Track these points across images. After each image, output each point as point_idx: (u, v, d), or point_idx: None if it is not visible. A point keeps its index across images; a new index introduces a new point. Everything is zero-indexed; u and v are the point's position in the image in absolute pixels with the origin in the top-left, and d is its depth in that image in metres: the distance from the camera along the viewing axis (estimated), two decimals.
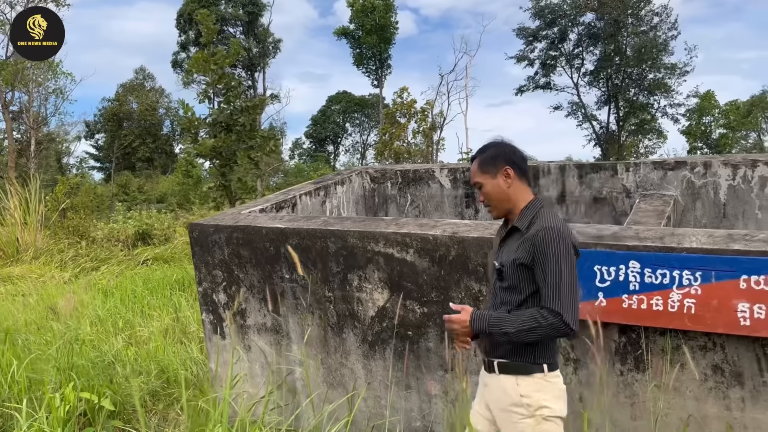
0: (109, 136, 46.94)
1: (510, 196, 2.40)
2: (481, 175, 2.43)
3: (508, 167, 2.39)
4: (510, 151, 2.45)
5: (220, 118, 11.65)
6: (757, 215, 4.24)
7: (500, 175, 2.40)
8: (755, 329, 2.46)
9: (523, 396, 2.29)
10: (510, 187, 2.39)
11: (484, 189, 2.42)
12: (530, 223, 2.33)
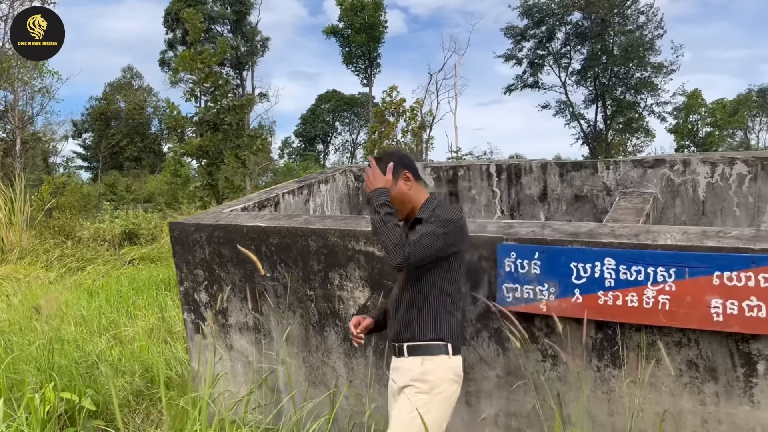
0: (96, 136, 46.64)
1: (411, 197, 2.67)
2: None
3: (406, 171, 2.66)
4: (404, 157, 2.74)
5: (207, 117, 11.60)
6: (735, 212, 4.29)
7: (401, 179, 2.65)
8: (728, 324, 2.49)
9: (424, 373, 2.51)
10: (410, 189, 2.66)
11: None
12: (429, 210, 2.61)
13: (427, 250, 2.43)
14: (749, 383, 2.55)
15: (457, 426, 3.21)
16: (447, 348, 2.55)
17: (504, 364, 3.05)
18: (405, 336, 2.58)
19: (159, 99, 47.43)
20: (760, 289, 2.42)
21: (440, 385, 2.51)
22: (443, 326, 2.55)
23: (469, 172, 5.30)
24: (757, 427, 2.56)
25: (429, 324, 2.56)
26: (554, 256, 2.79)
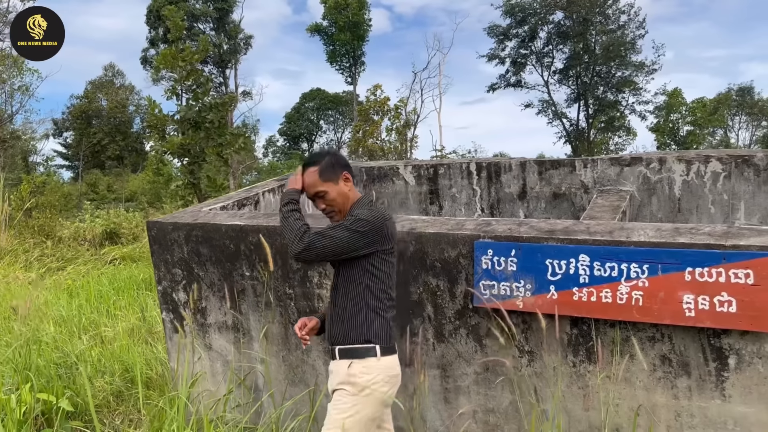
0: (77, 134, 46.12)
1: (350, 198, 2.68)
2: (324, 184, 2.63)
3: (346, 172, 2.68)
4: (342, 158, 2.77)
5: (188, 116, 11.53)
6: (710, 210, 4.36)
7: (341, 180, 2.66)
8: (700, 320, 2.53)
9: (352, 375, 2.54)
10: (350, 190, 2.69)
11: (329, 196, 2.63)
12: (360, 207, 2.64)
13: (331, 241, 2.45)
14: (721, 377, 2.60)
15: (435, 422, 3.23)
16: (375, 350, 2.55)
17: (482, 361, 3.07)
18: (336, 339, 2.61)
19: (141, 97, 47.00)
20: (730, 285, 2.47)
21: (369, 387, 2.52)
22: (371, 328, 2.56)
23: (450, 170, 5.32)
24: (728, 420, 2.60)
25: (356, 326, 2.57)
26: (530, 253, 2.82)
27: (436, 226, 3.20)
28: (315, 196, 2.66)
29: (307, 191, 2.67)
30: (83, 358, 5.10)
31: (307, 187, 2.67)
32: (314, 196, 2.66)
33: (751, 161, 4.30)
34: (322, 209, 2.67)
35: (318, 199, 2.65)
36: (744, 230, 2.63)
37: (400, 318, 3.25)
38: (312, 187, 2.66)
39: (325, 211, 2.67)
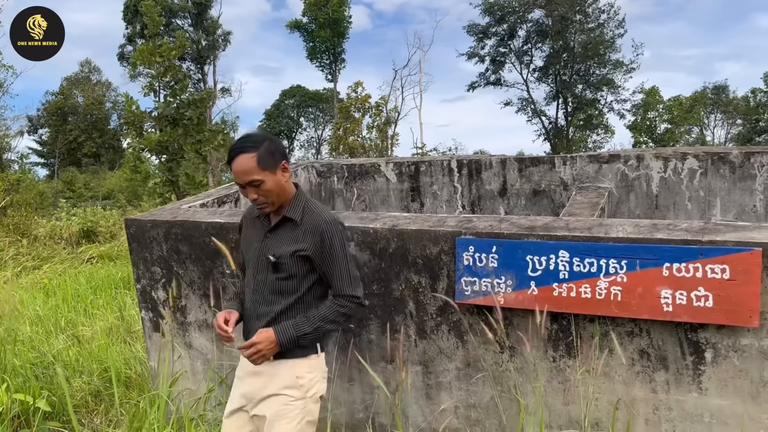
0: (53, 131, 45.44)
1: (286, 190, 2.42)
2: (261, 172, 2.31)
3: (284, 161, 2.39)
4: (281, 145, 2.46)
5: (166, 112, 11.42)
6: (687, 206, 4.42)
7: (279, 170, 2.38)
8: (677, 314, 2.57)
9: (299, 377, 2.41)
10: (287, 181, 2.42)
11: (265, 186, 2.32)
12: (302, 213, 2.42)
13: (357, 278, 2.52)
14: (698, 371, 2.64)
15: (417, 418, 3.24)
16: (317, 347, 2.50)
17: (463, 357, 3.09)
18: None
19: (118, 94, 46.44)
20: (707, 280, 2.51)
21: (314, 387, 2.47)
22: None
23: (431, 167, 5.34)
24: (705, 413, 2.65)
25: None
26: (511, 249, 2.84)
27: (418, 222, 3.21)
28: (248, 184, 2.31)
29: (239, 178, 2.31)
30: (60, 357, 5.03)
31: (241, 174, 2.30)
32: (247, 185, 2.32)
33: (726, 158, 4.37)
34: (253, 200, 2.36)
35: (251, 188, 2.32)
36: (720, 226, 2.68)
37: (381, 315, 3.26)
38: (246, 175, 2.30)
39: (257, 201, 2.36)
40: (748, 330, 2.52)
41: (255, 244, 2.48)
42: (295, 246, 2.39)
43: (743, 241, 2.48)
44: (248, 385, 2.45)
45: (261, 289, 2.45)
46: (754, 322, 2.45)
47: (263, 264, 2.43)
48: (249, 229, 2.58)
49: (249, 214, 2.63)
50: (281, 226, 2.44)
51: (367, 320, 3.32)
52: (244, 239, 2.60)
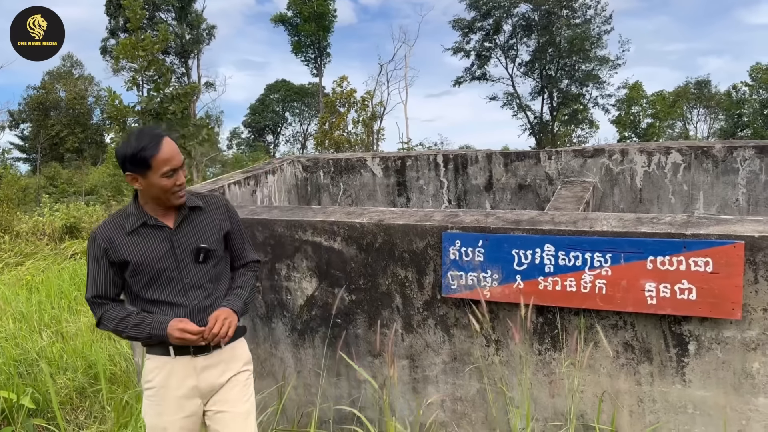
0: (35, 126, 44.83)
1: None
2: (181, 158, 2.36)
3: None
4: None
5: (149, 107, 11.31)
6: (670, 200, 4.46)
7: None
8: (661, 307, 2.60)
9: (248, 353, 2.59)
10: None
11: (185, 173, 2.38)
12: (198, 199, 2.49)
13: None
14: (681, 363, 2.67)
15: (404, 412, 3.26)
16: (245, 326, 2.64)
17: (450, 350, 3.10)
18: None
19: (101, 88, 45.87)
20: (690, 273, 2.54)
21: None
22: None
23: (417, 162, 5.34)
24: (688, 404, 2.68)
25: None
26: (497, 243, 2.85)
27: (405, 217, 3.21)
28: (180, 167, 2.31)
29: (176, 160, 2.29)
30: (44, 354, 4.98)
31: (177, 155, 2.31)
32: (179, 167, 2.31)
33: (709, 152, 4.42)
34: (179, 184, 2.31)
35: (181, 171, 2.32)
36: (704, 219, 2.71)
37: (368, 309, 3.26)
38: (179, 154, 2.35)
39: (180, 185, 2.32)
40: (731, 322, 2.55)
41: (160, 250, 2.35)
42: (216, 229, 2.47)
43: (726, 235, 2.51)
44: (203, 382, 2.40)
45: (195, 285, 2.40)
46: (736, 315, 2.49)
47: (185, 262, 2.38)
48: (134, 242, 2.34)
49: (115, 232, 2.35)
50: (188, 219, 2.42)
51: (354, 315, 3.32)
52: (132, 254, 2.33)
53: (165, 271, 2.34)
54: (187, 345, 2.32)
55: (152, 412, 2.39)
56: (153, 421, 2.39)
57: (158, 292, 2.35)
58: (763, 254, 2.47)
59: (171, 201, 2.34)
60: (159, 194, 2.31)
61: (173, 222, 2.38)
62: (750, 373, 2.56)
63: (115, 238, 2.32)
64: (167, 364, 2.35)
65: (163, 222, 2.37)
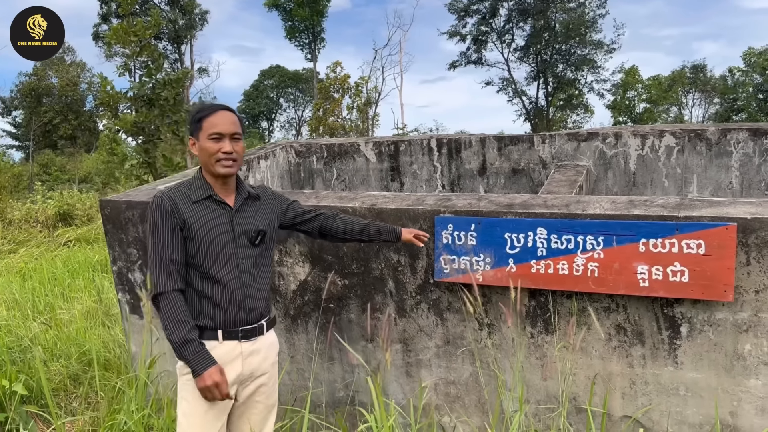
0: (27, 113, 44.49)
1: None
2: (240, 130, 2.45)
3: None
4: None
5: (142, 92, 11.21)
6: (664, 183, 4.46)
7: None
8: (653, 290, 2.60)
9: (277, 340, 2.65)
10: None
11: (241, 144, 2.44)
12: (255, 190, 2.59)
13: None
14: (673, 345, 2.67)
15: (398, 396, 3.26)
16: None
17: (443, 334, 3.10)
18: (264, 313, 2.52)
19: (93, 74, 45.49)
20: (683, 255, 2.53)
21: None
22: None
23: (411, 147, 5.31)
24: (680, 386, 2.69)
25: (269, 297, 2.62)
26: (489, 227, 2.84)
27: (397, 201, 3.19)
28: (232, 136, 2.39)
29: (226, 127, 2.37)
30: (38, 341, 4.97)
31: (229, 123, 2.40)
32: (230, 136, 2.39)
33: (703, 135, 4.40)
34: (227, 153, 2.36)
35: (233, 141, 2.39)
36: (696, 202, 2.70)
37: (361, 294, 3.25)
38: (234, 125, 2.41)
39: (231, 156, 2.37)
40: (723, 304, 2.55)
41: (221, 226, 2.40)
42: (270, 217, 2.56)
43: (719, 217, 2.50)
44: (247, 367, 2.43)
45: (248, 265, 2.45)
46: (728, 297, 2.49)
47: (241, 242, 2.43)
48: (196, 212, 2.37)
49: (182, 198, 2.37)
50: (246, 203, 2.51)
51: (346, 300, 3.31)
52: (195, 222, 2.36)
53: (222, 246, 2.38)
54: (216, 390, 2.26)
55: (190, 397, 2.36)
56: (188, 407, 2.37)
57: (212, 264, 2.38)
58: (755, 236, 2.46)
59: (216, 168, 2.37)
60: (205, 158, 2.38)
61: (233, 203, 2.46)
62: (741, 355, 2.56)
63: (180, 204, 2.35)
64: (214, 349, 2.35)
65: (225, 203, 2.44)
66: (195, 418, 2.36)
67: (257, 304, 2.46)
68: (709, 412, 2.65)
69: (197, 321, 2.34)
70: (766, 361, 2.53)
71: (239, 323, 2.40)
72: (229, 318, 2.39)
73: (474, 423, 3.09)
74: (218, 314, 2.37)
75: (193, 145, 2.43)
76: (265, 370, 2.50)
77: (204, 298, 2.35)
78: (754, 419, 2.58)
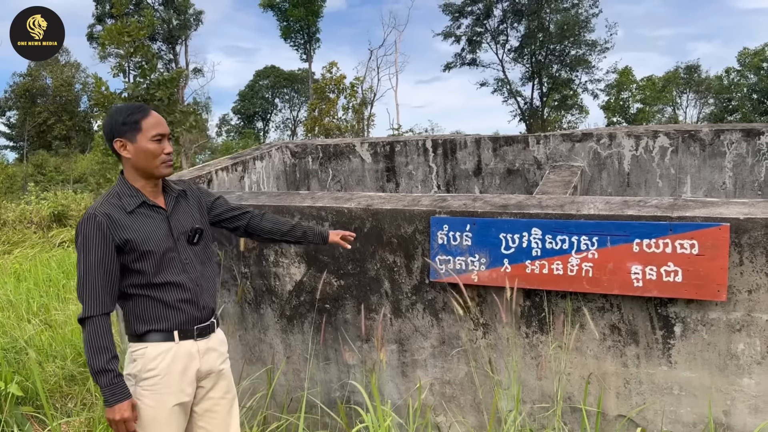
0: (21, 114, 44.34)
1: None
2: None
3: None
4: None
5: (136, 93, 11.20)
6: (658, 183, 4.48)
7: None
8: (647, 289, 2.61)
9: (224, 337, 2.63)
10: None
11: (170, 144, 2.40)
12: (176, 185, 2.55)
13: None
14: (667, 345, 2.69)
15: (393, 396, 3.27)
16: None
17: (438, 334, 3.11)
18: (212, 310, 2.49)
19: (88, 75, 45.35)
20: (676, 255, 2.55)
21: None
22: None
23: (406, 147, 5.33)
24: (674, 385, 2.71)
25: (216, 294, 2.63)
26: (485, 227, 2.85)
27: (393, 202, 3.20)
28: (164, 136, 2.35)
29: (162, 127, 2.33)
30: (33, 342, 4.96)
31: (165, 125, 2.38)
32: (163, 136, 2.34)
33: (697, 136, 4.43)
34: (168, 154, 2.34)
35: (167, 141, 2.36)
36: (690, 202, 2.72)
37: (357, 294, 3.26)
38: (167, 126, 2.39)
39: (168, 153, 2.35)
40: (716, 304, 2.57)
41: (159, 231, 2.35)
42: (200, 212, 2.54)
43: (712, 217, 2.52)
44: (204, 365, 2.43)
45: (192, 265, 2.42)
46: (722, 297, 2.51)
47: (181, 243, 2.41)
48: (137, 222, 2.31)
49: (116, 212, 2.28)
50: (178, 202, 2.47)
51: (342, 300, 3.32)
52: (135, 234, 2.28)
53: (166, 251, 2.34)
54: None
55: (152, 402, 2.33)
56: (151, 412, 2.33)
57: (161, 271, 2.33)
58: (748, 236, 2.48)
59: (159, 169, 2.33)
60: (147, 161, 2.30)
61: (165, 204, 2.40)
62: (735, 354, 2.58)
63: (115, 218, 2.26)
64: (171, 350, 2.34)
65: (157, 203, 2.38)
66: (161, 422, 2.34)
67: (209, 301, 2.45)
68: (703, 411, 2.67)
69: (154, 326, 2.32)
70: (759, 360, 2.55)
71: (194, 322, 2.39)
72: (184, 318, 2.37)
73: (469, 423, 3.11)
74: (173, 316, 2.34)
75: (123, 147, 2.30)
76: (220, 366, 2.50)
77: (157, 302, 2.32)
78: (747, 418, 2.60)
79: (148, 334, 2.34)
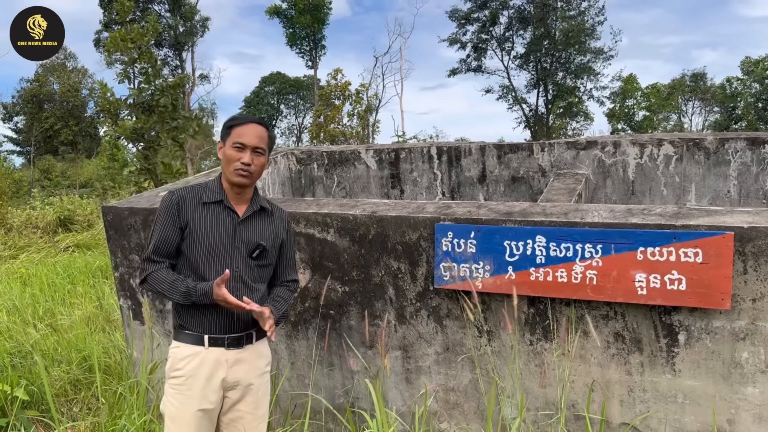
0: (28, 119, 44.63)
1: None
2: (266, 146, 2.50)
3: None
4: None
5: (141, 99, 11.25)
6: (662, 192, 4.48)
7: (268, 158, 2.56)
8: (651, 297, 2.62)
9: (268, 352, 2.66)
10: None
11: (262, 159, 2.47)
12: (270, 205, 2.61)
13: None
14: (671, 353, 2.69)
15: (397, 402, 3.27)
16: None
17: (442, 341, 3.12)
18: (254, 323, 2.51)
19: (94, 81, 45.60)
20: (680, 264, 2.55)
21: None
22: None
23: (411, 154, 5.34)
24: (678, 393, 2.71)
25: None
26: (489, 235, 2.86)
27: (398, 209, 3.22)
28: (254, 149, 2.43)
29: (252, 139, 2.41)
30: (38, 347, 4.99)
31: (255, 136, 2.43)
32: (253, 148, 2.42)
33: (701, 144, 4.43)
34: (246, 164, 2.40)
35: (253, 154, 2.42)
36: (694, 211, 2.73)
37: (361, 301, 3.27)
38: (260, 140, 2.44)
39: (248, 167, 2.41)
40: (720, 312, 2.57)
41: (223, 231, 2.44)
42: (274, 235, 2.55)
43: (716, 226, 2.53)
44: (231, 375, 2.44)
45: (240, 277, 2.46)
46: (726, 305, 2.51)
47: (239, 252, 2.46)
48: (202, 213, 2.44)
49: (192, 198, 2.45)
50: (255, 216, 2.53)
51: (347, 306, 3.33)
52: (197, 222, 2.42)
53: (219, 252, 2.43)
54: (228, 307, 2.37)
55: (176, 401, 2.41)
56: (175, 411, 2.41)
57: (206, 267, 2.42)
58: (752, 245, 2.49)
59: (231, 176, 2.43)
60: (225, 165, 2.44)
61: (243, 213, 2.49)
62: (739, 363, 2.58)
63: (189, 203, 2.43)
64: (199, 354, 2.39)
65: (233, 210, 2.48)
66: (182, 423, 2.39)
67: (244, 314, 2.44)
68: (707, 419, 2.66)
69: (188, 326, 2.43)
70: (764, 369, 2.54)
71: (225, 330, 2.43)
72: (216, 324, 2.42)
73: (473, 429, 3.11)
74: (206, 320, 2.41)
75: (220, 149, 2.49)
76: (251, 380, 2.49)
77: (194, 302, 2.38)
78: (751, 427, 2.60)
79: (182, 335, 2.44)
